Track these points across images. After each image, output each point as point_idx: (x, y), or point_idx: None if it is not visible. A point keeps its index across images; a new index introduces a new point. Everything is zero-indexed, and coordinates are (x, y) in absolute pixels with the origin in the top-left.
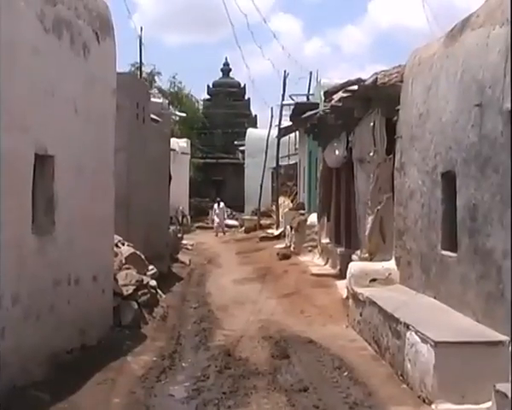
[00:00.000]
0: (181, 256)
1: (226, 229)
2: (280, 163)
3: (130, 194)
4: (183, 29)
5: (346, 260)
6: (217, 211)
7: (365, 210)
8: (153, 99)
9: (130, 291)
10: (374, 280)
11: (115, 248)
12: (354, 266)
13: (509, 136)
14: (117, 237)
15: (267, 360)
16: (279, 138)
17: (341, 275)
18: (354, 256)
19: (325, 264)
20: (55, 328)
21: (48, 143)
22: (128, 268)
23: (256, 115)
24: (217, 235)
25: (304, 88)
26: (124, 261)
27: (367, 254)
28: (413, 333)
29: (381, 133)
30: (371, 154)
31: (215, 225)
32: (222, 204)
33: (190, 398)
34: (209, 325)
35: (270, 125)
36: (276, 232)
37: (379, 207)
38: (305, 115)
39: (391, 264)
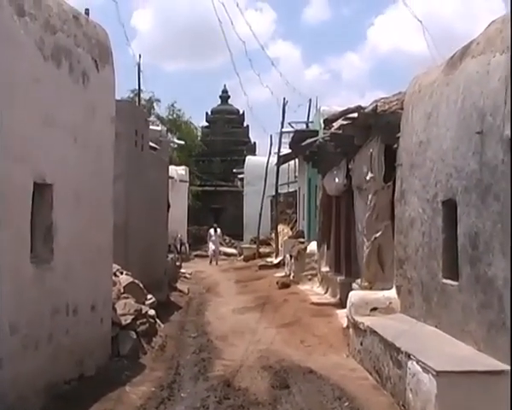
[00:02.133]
0: (180, 285)
1: (224, 257)
2: (279, 191)
3: (129, 222)
4: (182, 56)
5: (346, 289)
6: (213, 238)
7: (363, 238)
8: (151, 127)
9: (129, 321)
10: (374, 309)
11: (113, 277)
12: (354, 295)
13: (509, 163)
14: (115, 266)
15: (267, 390)
16: (278, 166)
17: (341, 304)
18: (354, 285)
19: (325, 293)
20: (53, 358)
21: (46, 171)
22: (126, 297)
23: (255, 143)
24: (211, 263)
25: (303, 115)
26: (122, 290)
27: (366, 283)
28: (414, 362)
29: (378, 160)
30: (368, 180)
31: (210, 252)
32: (218, 230)
33: None
34: (208, 354)
35: (270, 153)
36: (276, 261)
37: (376, 236)
38: (304, 143)
39: (391, 293)
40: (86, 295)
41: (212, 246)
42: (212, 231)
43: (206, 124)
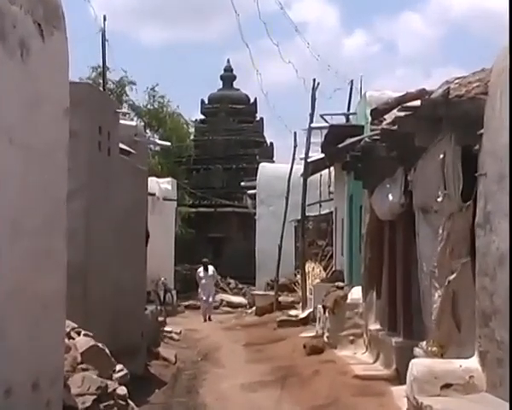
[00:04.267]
0: (163, 350)
1: (228, 309)
2: (307, 213)
3: (90, 260)
4: (167, 21)
5: (405, 356)
6: (203, 280)
7: (431, 282)
8: (123, 121)
9: (89, 403)
10: (448, 386)
11: (67, 340)
12: (418, 366)
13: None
14: (69, 324)
15: None
16: (306, 177)
17: (399, 378)
18: (417, 350)
19: (374, 361)
20: None
21: None
22: (85, 369)
23: (272, 144)
24: (205, 320)
25: (341, 104)
26: (79, 359)
27: (436, 348)
28: None
29: (454, 169)
30: (439, 200)
31: (202, 303)
32: (210, 269)
33: None
34: None
35: (293, 159)
36: (303, 314)
37: (450, 279)
38: (343, 144)
39: (472, 362)
40: (25, 369)
41: (202, 295)
42: (201, 270)
43: (202, 117)
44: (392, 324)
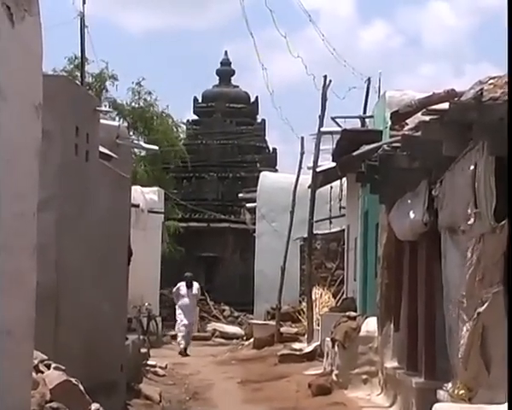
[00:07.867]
0: (146, 387)
1: (221, 340)
2: (315, 231)
3: (62, 282)
4: (155, 6)
5: (427, 400)
6: (185, 299)
7: (459, 314)
8: (103, 121)
9: None
10: None
11: (34, 375)
12: None
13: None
14: (38, 355)
15: None
16: (314, 189)
17: None
18: (441, 393)
19: (391, 405)
20: None
21: None
22: (56, 408)
23: (275, 150)
24: (183, 353)
25: (357, 106)
26: (48, 396)
27: (463, 391)
28: None
29: (486, 183)
30: (470, 221)
31: (179, 327)
32: (196, 287)
33: None
34: None
35: (300, 168)
36: (308, 348)
37: (480, 310)
38: (358, 152)
39: (506, 409)
40: None
41: (182, 317)
42: (182, 286)
43: (195, 117)
44: (412, 361)
